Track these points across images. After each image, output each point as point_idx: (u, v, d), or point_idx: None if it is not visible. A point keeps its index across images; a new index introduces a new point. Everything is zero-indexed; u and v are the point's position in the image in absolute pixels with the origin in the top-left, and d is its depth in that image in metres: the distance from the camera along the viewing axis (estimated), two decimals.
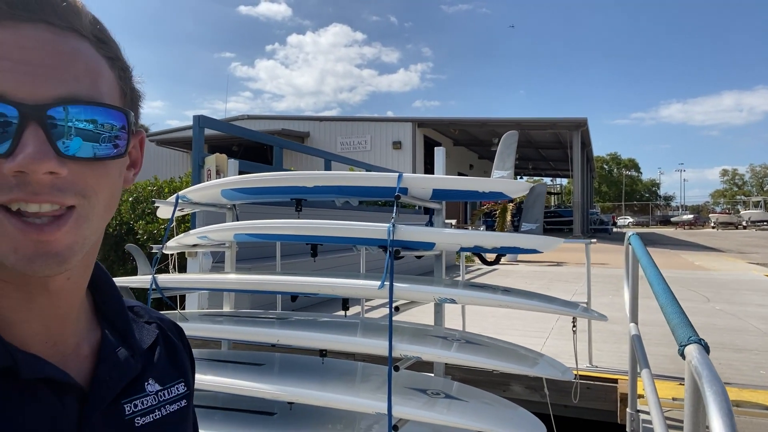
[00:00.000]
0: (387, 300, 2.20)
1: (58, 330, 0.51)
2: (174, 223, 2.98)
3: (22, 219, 0.42)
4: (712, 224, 45.24)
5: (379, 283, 2.21)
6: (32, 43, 0.43)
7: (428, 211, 2.72)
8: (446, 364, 2.70)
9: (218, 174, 4.73)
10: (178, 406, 0.59)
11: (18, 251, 0.43)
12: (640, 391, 2.56)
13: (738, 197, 72.05)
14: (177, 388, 0.61)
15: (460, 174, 24.34)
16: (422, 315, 4.22)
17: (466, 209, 23.30)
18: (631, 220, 55.69)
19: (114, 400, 0.52)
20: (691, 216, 52.09)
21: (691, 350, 1.05)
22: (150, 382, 0.57)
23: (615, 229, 32.91)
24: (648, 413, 2.48)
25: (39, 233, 0.43)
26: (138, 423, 0.53)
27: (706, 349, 1.06)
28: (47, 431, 0.46)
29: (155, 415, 0.56)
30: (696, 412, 1.06)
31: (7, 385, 0.45)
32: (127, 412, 0.53)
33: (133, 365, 0.55)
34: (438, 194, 2.40)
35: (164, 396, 0.58)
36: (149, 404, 0.56)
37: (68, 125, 0.43)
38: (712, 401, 0.85)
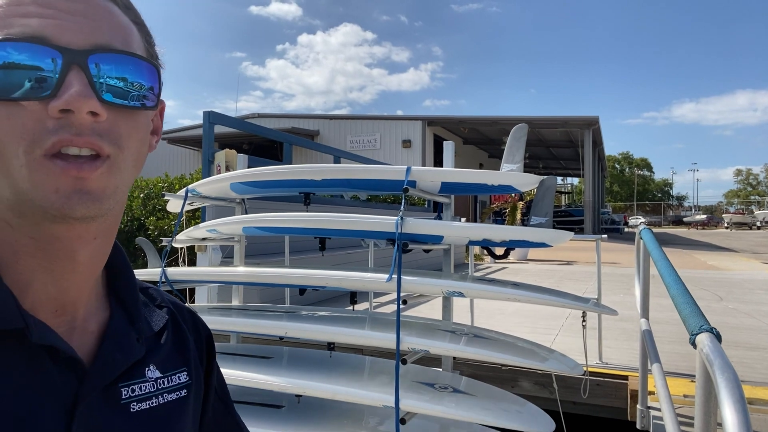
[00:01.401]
0: (395, 294, 2.19)
1: (72, 299, 0.51)
2: (184, 217, 3.00)
3: (64, 159, 0.44)
4: (726, 224, 44.66)
5: (387, 276, 2.20)
6: None
7: (437, 208, 2.71)
8: (454, 359, 2.69)
9: (228, 170, 4.75)
10: (177, 395, 0.58)
11: (59, 191, 0.44)
12: (650, 388, 2.53)
13: (752, 197, 71.10)
14: (179, 376, 0.59)
15: None
16: (430, 310, 4.21)
17: (475, 207, 23.22)
18: (643, 219, 55.05)
19: (112, 382, 0.51)
20: (704, 216, 51.46)
21: (703, 338, 1.03)
22: (151, 368, 0.56)
23: (626, 229, 32.60)
24: (659, 410, 2.45)
25: (78, 170, 0.44)
26: (133, 408, 0.52)
27: (717, 337, 1.04)
28: (42, 401, 0.45)
29: (152, 403, 0.54)
30: (707, 400, 1.04)
31: (12, 347, 0.45)
32: (123, 396, 0.52)
33: (137, 348, 0.55)
34: (447, 187, 2.39)
35: (163, 384, 0.57)
36: (146, 390, 0.54)
37: (100, 81, 0.45)
38: (724, 387, 0.84)
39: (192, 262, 4.57)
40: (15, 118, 0.43)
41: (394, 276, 2.17)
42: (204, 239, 3.05)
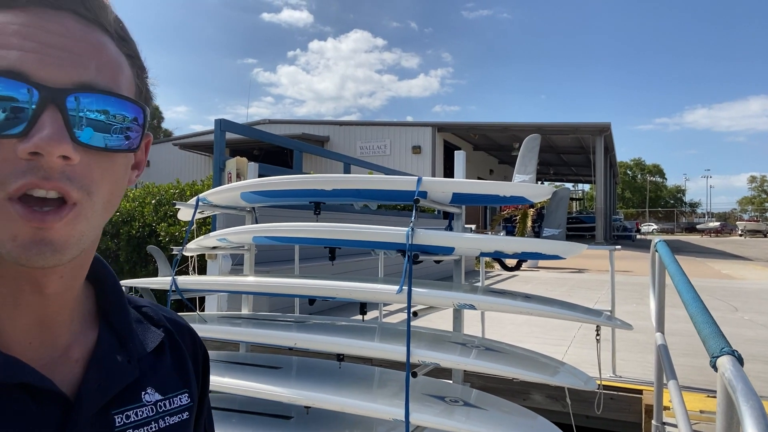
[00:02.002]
0: (405, 305, 2.17)
1: (47, 331, 0.48)
2: (195, 226, 3.01)
3: (26, 206, 0.41)
4: (740, 232, 44.09)
5: (397, 287, 2.18)
6: (58, 29, 0.43)
7: (447, 216, 2.68)
8: (465, 371, 2.66)
9: (239, 177, 4.77)
10: (179, 418, 0.55)
11: (17, 239, 0.41)
12: (666, 403, 2.48)
13: (766, 204, 70.13)
14: (180, 398, 0.56)
15: (479, 179, 24.18)
16: (441, 321, 4.18)
17: (485, 214, 23.13)
18: (655, 226, 54.61)
19: (103, 409, 0.48)
20: (717, 223, 50.85)
21: (724, 362, 1.00)
22: (149, 390, 0.53)
23: (639, 236, 32.29)
24: (674, 426, 2.40)
25: (40, 221, 0.41)
26: None
27: (739, 360, 1.01)
28: None
29: (151, 428, 0.52)
30: (729, 426, 1.00)
31: None
32: (117, 424, 0.49)
33: (128, 371, 0.52)
34: (458, 198, 2.37)
35: (164, 407, 0.54)
36: (145, 415, 0.52)
37: (80, 115, 0.43)
38: (749, 416, 0.81)
39: (202, 269, 4.59)
40: None
41: (405, 288, 2.15)
42: (214, 248, 3.05)
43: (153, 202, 6.82)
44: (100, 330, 0.53)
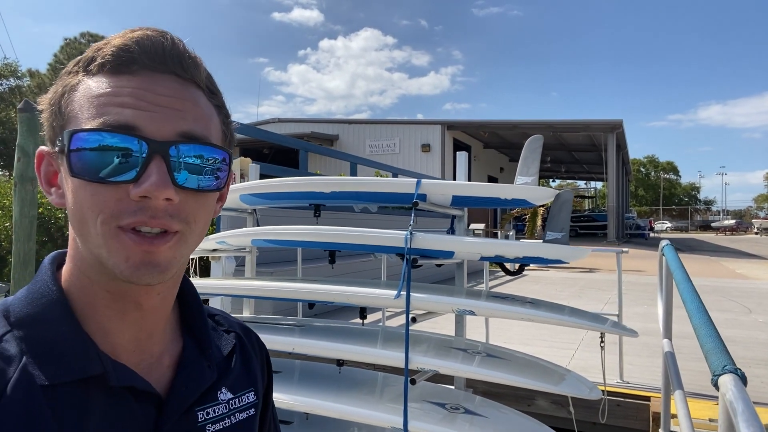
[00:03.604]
0: (403, 310, 2.12)
1: (146, 341, 0.57)
2: None
3: (137, 233, 0.50)
4: (756, 230, 43.36)
5: (395, 292, 2.14)
6: (164, 90, 0.52)
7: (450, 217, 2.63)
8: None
9: (243, 177, 4.76)
10: (247, 414, 0.63)
11: (129, 260, 0.50)
12: (674, 411, 2.41)
13: None
14: (247, 396, 0.64)
15: (490, 177, 24.02)
16: (445, 323, 4.13)
17: (495, 213, 22.99)
18: (669, 225, 53.94)
19: (188, 408, 0.56)
20: (732, 221, 50.08)
21: (726, 381, 0.94)
22: (223, 390, 0.61)
23: (652, 235, 31.89)
24: None
25: (149, 245, 0.50)
26: (209, 429, 0.58)
27: (743, 380, 0.95)
28: None
29: (225, 423, 0.59)
30: None
31: (95, 390, 0.51)
32: (199, 419, 0.57)
33: (208, 375, 0.60)
34: (458, 201, 2.32)
35: (235, 404, 0.62)
36: (220, 412, 0.60)
37: (180, 161, 0.51)
38: None
39: (205, 269, 4.58)
40: (98, 195, 0.49)
41: (403, 293, 2.10)
42: (215, 250, 3.03)
43: None
44: (184, 339, 0.62)
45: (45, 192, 0.57)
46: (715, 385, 0.99)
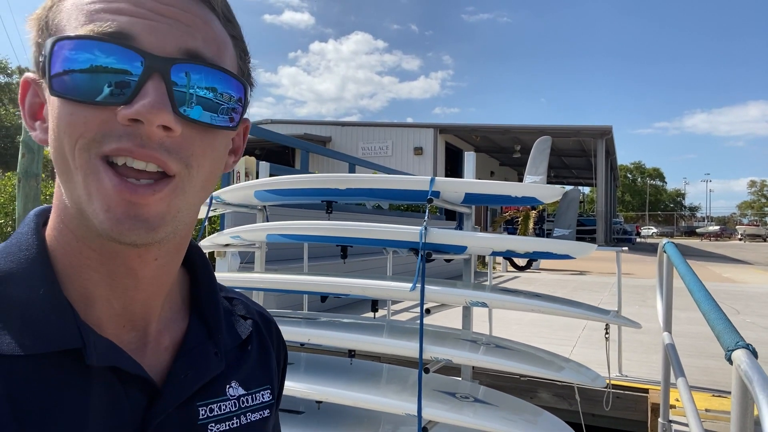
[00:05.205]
0: (415, 302, 2.21)
1: (140, 315, 0.47)
2: (207, 224, 3.05)
3: (120, 175, 0.40)
4: (740, 236, 44.15)
5: (409, 285, 2.22)
6: (170, 0, 0.43)
7: (450, 217, 2.72)
8: (473, 369, 2.69)
9: (247, 176, 4.81)
10: (260, 415, 0.53)
11: (110, 210, 0.40)
12: (672, 401, 2.52)
13: (766, 209, 70.22)
14: (263, 394, 0.54)
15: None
16: (446, 320, 4.21)
17: (486, 215, 23.15)
18: (655, 230, 54.64)
19: (188, 401, 0.47)
20: (717, 227, 50.92)
21: (740, 355, 1.04)
22: (233, 384, 0.52)
23: (638, 240, 32.31)
24: (681, 423, 2.44)
25: (132, 193, 0.40)
26: (212, 429, 0.48)
27: (754, 354, 1.05)
28: (109, 425, 0.42)
29: (233, 423, 0.50)
30: (744, 416, 1.05)
31: (73, 367, 0.42)
32: (200, 416, 0.48)
33: (215, 364, 0.50)
34: (470, 198, 2.41)
35: (247, 402, 0.52)
36: (228, 410, 0.50)
37: (190, 92, 0.42)
38: (766, 404, 0.85)
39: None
40: (79, 114, 0.40)
41: (418, 285, 2.19)
42: (227, 245, 3.09)
43: None
44: (190, 319, 0.52)
45: (28, 127, 0.47)
46: (729, 360, 1.09)
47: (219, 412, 0.49)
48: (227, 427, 0.49)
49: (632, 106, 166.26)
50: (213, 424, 0.48)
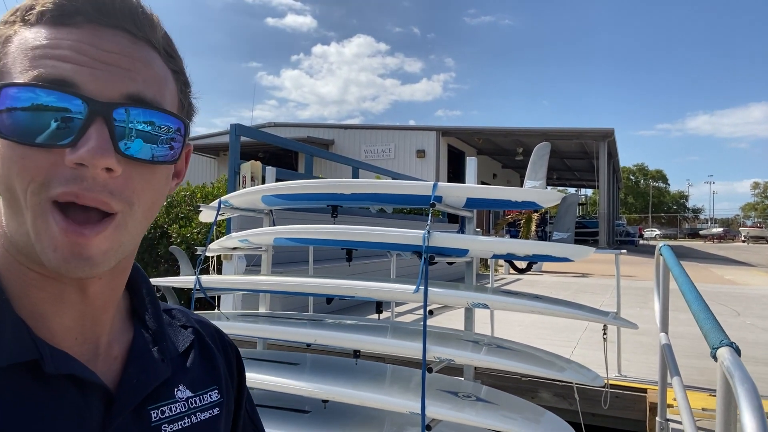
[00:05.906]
0: (419, 304, 2.28)
1: (90, 328, 0.50)
2: (215, 227, 3.13)
3: (66, 217, 0.43)
4: (743, 238, 44.09)
5: (413, 287, 2.30)
6: (110, 46, 0.45)
7: (451, 220, 2.79)
8: (475, 369, 2.76)
9: (253, 180, 4.89)
10: (210, 414, 0.58)
11: (57, 250, 0.43)
12: (669, 401, 2.59)
13: None
14: (210, 395, 0.59)
15: (483, 183, 24.25)
16: (448, 322, 4.28)
17: (489, 218, 23.21)
18: (658, 232, 54.58)
19: (140, 405, 0.51)
20: (720, 229, 50.87)
21: (723, 352, 1.11)
22: (180, 388, 0.56)
23: (642, 242, 32.31)
24: (677, 422, 2.50)
25: (79, 236, 0.43)
26: (165, 430, 0.52)
27: (737, 351, 1.12)
28: (68, 430, 0.45)
29: (184, 423, 0.54)
30: (727, 410, 1.12)
31: (31, 378, 0.44)
32: (153, 419, 0.52)
33: (162, 369, 0.55)
34: (471, 203, 2.48)
35: (196, 403, 0.57)
36: (178, 411, 0.54)
37: (129, 126, 0.45)
38: (744, 397, 0.92)
39: (216, 270, 4.70)
40: (30, 158, 0.42)
41: (421, 287, 2.26)
42: (234, 248, 3.17)
43: (164, 204, 6.94)
44: (135, 330, 0.56)
45: None
46: (714, 357, 1.16)
47: (170, 414, 0.53)
48: (179, 427, 0.53)
49: (634, 108, 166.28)
50: (166, 425, 0.52)
